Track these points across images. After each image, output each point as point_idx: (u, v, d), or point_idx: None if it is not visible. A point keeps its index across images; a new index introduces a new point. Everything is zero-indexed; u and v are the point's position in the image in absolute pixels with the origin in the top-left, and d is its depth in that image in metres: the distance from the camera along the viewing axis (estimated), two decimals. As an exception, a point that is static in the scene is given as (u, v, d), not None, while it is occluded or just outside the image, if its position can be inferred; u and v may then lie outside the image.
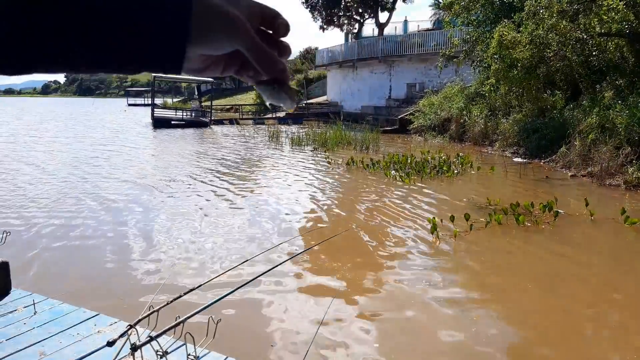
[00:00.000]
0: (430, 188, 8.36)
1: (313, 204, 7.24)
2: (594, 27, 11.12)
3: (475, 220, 5.72)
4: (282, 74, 0.45)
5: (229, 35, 0.40)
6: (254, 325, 3.36)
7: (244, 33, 0.40)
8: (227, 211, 6.68)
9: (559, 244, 5.31)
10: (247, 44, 0.41)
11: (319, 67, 34.36)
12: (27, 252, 4.86)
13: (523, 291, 4.11)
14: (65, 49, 0.34)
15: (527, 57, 11.92)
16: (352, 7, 33.29)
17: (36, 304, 2.79)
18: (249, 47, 0.41)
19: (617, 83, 10.79)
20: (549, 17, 11.27)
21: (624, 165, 8.65)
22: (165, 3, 0.36)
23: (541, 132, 11.94)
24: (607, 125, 9.57)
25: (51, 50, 0.34)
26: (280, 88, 0.46)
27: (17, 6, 0.32)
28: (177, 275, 4.25)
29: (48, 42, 0.34)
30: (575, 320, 3.61)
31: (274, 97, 0.47)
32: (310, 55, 44.38)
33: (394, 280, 4.20)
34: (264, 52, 0.42)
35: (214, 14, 0.39)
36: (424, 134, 17.86)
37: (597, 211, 6.19)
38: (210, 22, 0.38)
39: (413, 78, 24.29)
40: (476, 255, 5.01)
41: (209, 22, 0.38)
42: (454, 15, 16.29)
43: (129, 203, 7.06)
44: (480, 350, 3.09)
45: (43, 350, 2.35)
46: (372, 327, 3.35)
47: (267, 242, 5.21)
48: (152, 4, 0.36)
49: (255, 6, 0.43)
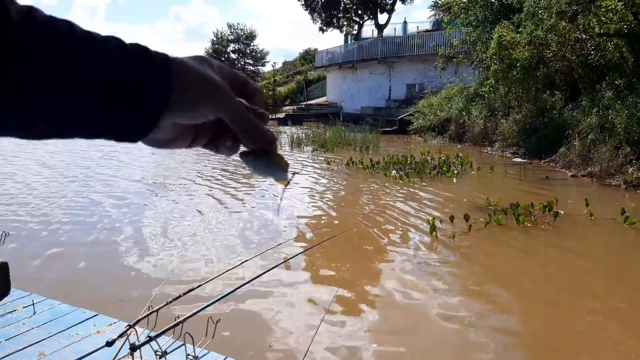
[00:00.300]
0: (430, 188, 8.35)
1: (313, 205, 7.24)
2: (593, 28, 11.13)
3: (475, 220, 5.71)
4: (271, 144, 0.41)
5: (213, 103, 0.37)
6: (253, 325, 3.35)
7: (228, 101, 0.37)
8: (227, 211, 6.67)
9: (559, 245, 5.31)
10: (232, 112, 0.38)
11: (318, 68, 34.41)
12: (27, 252, 4.86)
13: (522, 291, 4.10)
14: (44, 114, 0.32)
15: (526, 58, 11.93)
16: (352, 9, 33.32)
17: (35, 304, 2.79)
18: (234, 116, 0.38)
19: (617, 83, 10.80)
20: (548, 17, 11.28)
21: (624, 165, 8.65)
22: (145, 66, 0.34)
23: (541, 133, 11.95)
24: (607, 125, 9.57)
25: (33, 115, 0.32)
26: (269, 159, 0.41)
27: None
28: (177, 275, 4.24)
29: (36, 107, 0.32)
30: (576, 321, 3.60)
31: (263, 170, 0.42)
32: (310, 57, 44.43)
33: (393, 281, 4.19)
34: (250, 121, 0.39)
35: (197, 80, 0.36)
36: (424, 134, 17.87)
37: (597, 211, 6.19)
38: (193, 88, 0.36)
39: (412, 79, 24.32)
40: (475, 256, 5.01)
41: (192, 88, 0.36)
42: (453, 16, 16.31)
43: (128, 203, 7.05)
44: (479, 350, 3.08)
45: (42, 350, 2.35)
46: (371, 328, 3.34)
47: (266, 242, 5.20)
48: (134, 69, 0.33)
49: (226, 71, 0.40)
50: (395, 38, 27.31)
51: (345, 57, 29.04)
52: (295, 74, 42.78)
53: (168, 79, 0.34)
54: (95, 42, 0.33)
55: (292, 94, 38.62)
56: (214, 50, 50.68)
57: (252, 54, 51.87)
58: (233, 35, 50.96)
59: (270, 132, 0.41)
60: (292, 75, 42.69)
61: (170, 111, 0.35)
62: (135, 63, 0.33)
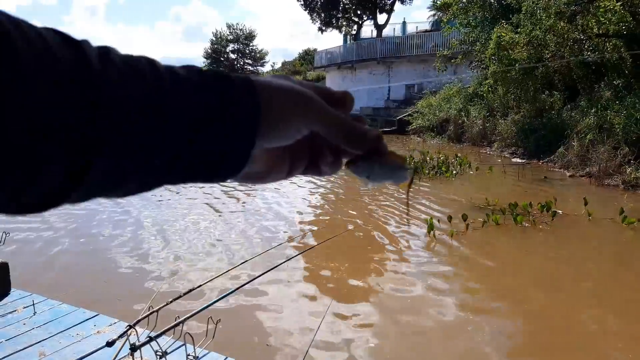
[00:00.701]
0: (429, 188, 8.37)
1: (312, 206, 7.25)
2: (591, 28, 11.16)
3: (473, 220, 5.73)
4: (378, 143, 0.37)
5: (304, 114, 0.33)
6: (253, 325, 3.36)
7: (320, 109, 0.34)
8: (226, 212, 6.68)
9: (557, 244, 5.32)
10: (327, 120, 0.34)
11: (317, 68, 34.38)
12: (27, 252, 4.86)
13: (520, 291, 4.12)
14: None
15: (525, 58, 11.95)
16: (351, 9, 33.31)
17: (36, 304, 2.80)
18: (330, 124, 0.34)
19: (615, 83, 10.82)
20: (546, 18, 11.30)
21: (622, 166, 8.67)
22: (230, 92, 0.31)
23: (539, 133, 11.97)
24: (605, 125, 9.60)
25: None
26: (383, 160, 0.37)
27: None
28: (177, 275, 4.25)
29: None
30: (573, 320, 3.62)
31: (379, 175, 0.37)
32: (309, 57, 44.42)
33: (392, 281, 4.20)
34: (350, 124, 0.35)
35: (282, 93, 0.33)
36: (423, 134, 17.89)
37: (595, 211, 6.21)
38: (281, 103, 0.33)
39: (412, 79, 24.31)
40: (473, 256, 5.02)
41: (279, 103, 0.33)
42: (452, 17, 16.33)
43: (128, 204, 7.05)
44: (477, 350, 3.10)
45: (43, 350, 2.36)
46: (370, 327, 3.36)
47: (266, 243, 5.21)
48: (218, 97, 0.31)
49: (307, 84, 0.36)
50: (394, 38, 27.31)
51: (344, 58, 29.04)
52: (294, 73, 42.77)
53: (254, 100, 0.32)
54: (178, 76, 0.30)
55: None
56: (213, 50, 50.65)
57: (252, 54, 51.84)
58: (232, 35, 50.93)
59: (374, 130, 0.37)
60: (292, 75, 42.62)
61: (261, 134, 0.32)
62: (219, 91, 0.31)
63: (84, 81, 0.25)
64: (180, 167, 0.31)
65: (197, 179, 0.33)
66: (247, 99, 0.31)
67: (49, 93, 0.24)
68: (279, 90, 0.33)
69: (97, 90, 0.26)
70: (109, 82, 0.26)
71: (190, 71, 0.31)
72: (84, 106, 0.25)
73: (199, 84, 0.30)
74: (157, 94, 0.28)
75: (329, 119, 0.34)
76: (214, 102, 0.30)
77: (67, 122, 0.25)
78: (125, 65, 0.28)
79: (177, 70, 0.30)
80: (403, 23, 32.69)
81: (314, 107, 0.34)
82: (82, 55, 0.26)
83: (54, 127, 0.24)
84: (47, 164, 0.25)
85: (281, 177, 0.38)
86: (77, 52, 0.26)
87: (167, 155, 0.29)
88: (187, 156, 0.30)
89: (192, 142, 0.30)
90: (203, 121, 0.30)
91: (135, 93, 0.27)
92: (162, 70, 0.29)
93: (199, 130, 0.30)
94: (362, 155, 0.36)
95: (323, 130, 0.34)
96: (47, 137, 0.24)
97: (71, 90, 0.25)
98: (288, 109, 0.33)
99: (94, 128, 0.26)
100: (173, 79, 0.30)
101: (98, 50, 0.27)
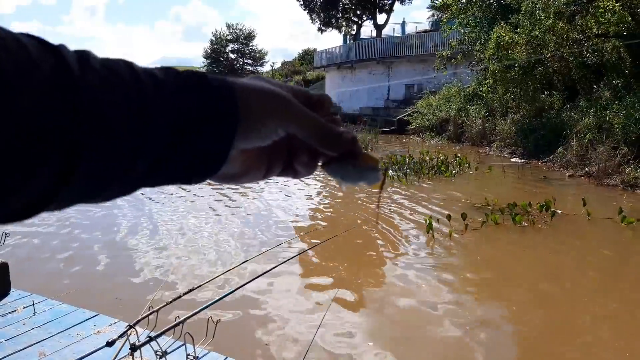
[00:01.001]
0: (429, 188, 8.37)
1: (312, 205, 7.25)
2: (590, 28, 11.16)
3: (472, 220, 5.73)
4: (353, 145, 0.37)
5: (281, 114, 0.34)
6: (253, 325, 3.37)
7: (297, 109, 0.35)
8: (226, 212, 6.68)
9: (556, 244, 5.33)
10: (303, 121, 0.35)
11: (317, 68, 34.38)
12: (27, 252, 4.86)
13: (518, 290, 4.12)
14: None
15: (524, 58, 11.96)
16: (350, 9, 33.32)
17: (36, 304, 2.80)
18: (306, 124, 0.35)
19: (614, 83, 10.83)
20: (545, 18, 11.31)
21: (621, 165, 8.68)
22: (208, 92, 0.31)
23: (539, 133, 11.98)
24: (604, 125, 9.60)
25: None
26: (357, 162, 0.37)
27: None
28: (177, 275, 4.25)
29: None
30: (572, 320, 3.63)
31: (353, 177, 0.38)
32: (309, 57, 44.42)
33: (391, 281, 4.21)
34: (325, 126, 0.36)
35: (260, 94, 0.34)
36: (422, 134, 17.89)
37: (594, 211, 6.21)
38: (258, 103, 0.33)
39: (411, 79, 24.31)
40: (472, 255, 5.03)
41: (257, 103, 0.33)
42: (451, 17, 16.33)
43: (128, 204, 7.06)
44: (476, 349, 3.10)
45: (43, 350, 2.36)
46: (370, 327, 3.36)
47: (266, 242, 5.22)
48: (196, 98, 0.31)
49: (285, 86, 0.36)
50: (394, 38, 27.31)
51: (344, 57, 29.03)
52: (293, 73, 42.77)
53: (232, 102, 0.32)
54: (157, 79, 0.30)
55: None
56: (213, 50, 50.64)
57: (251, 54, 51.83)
58: (232, 35, 50.93)
59: (349, 132, 0.37)
60: (291, 75, 42.67)
61: (239, 135, 0.32)
62: (198, 93, 0.31)
63: (65, 86, 0.25)
64: (161, 170, 0.31)
65: (176, 181, 0.33)
66: (224, 100, 0.32)
67: (30, 100, 0.24)
68: (256, 92, 0.33)
69: (78, 95, 0.26)
70: (89, 86, 0.26)
71: (168, 74, 0.31)
72: (65, 112, 0.25)
73: (178, 86, 0.31)
74: (137, 98, 0.28)
75: (305, 121, 0.35)
76: (193, 105, 0.31)
77: (49, 128, 0.25)
78: (104, 69, 0.28)
79: (155, 73, 0.30)
80: (402, 23, 32.70)
81: (290, 109, 0.34)
82: (61, 61, 0.26)
83: (36, 134, 0.24)
84: (30, 170, 0.25)
85: (258, 178, 0.38)
86: (56, 58, 0.26)
87: (148, 159, 0.30)
88: (168, 158, 0.31)
89: (172, 144, 0.30)
90: (183, 124, 0.30)
91: (115, 97, 0.27)
92: (140, 73, 0.30)
93: (179, 132, 0.30)
94: (337, 157, 0.37)
95: (299, 132, 0.35)
96: (31, 144, 0.24)
97: (52, 96, 0.25)
98: (265, 110, 0.33)
99: (75, 133, 0.26)
100: (152, 83, 0.30)
101: (76, 55, 0.27)
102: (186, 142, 0.31)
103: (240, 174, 0.37)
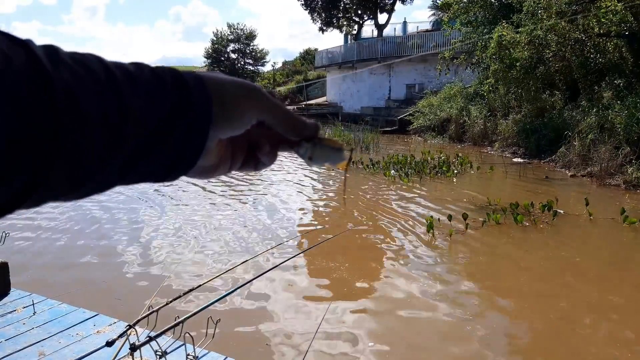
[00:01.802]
0: (430, 188, 8.36)
1: (312, 205, 7.24)
2: (592, 28, 11.13)
3: (473, 219, 5.72)
4: (317, 131, 0.40)
5: (255, 103, 0.36)
6: (253, 325, 3.36)
7: (267, 98, 0.37)
8: (226, 212, 6.68)
9: (557, 244, 5.31)
10: (273, 108, 0.37)
11: (318, 68, 34.39)
12: (27, 252, 4.86)
13: (518, 290, 4.11)
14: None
15: (525, 57, 11.93)
16: (351, 9, 33.30)
17: (35, 304, 2.80)
18: (276, 111, 0.37)
19: (616, 83, 10.80)
20: (547, 17, 11.28)
21: (623, 165, 8.65)
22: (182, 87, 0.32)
23: (540, 133, 11.95)
24: (606, 125, 9.57)
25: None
26: (323, 143, 0.40)
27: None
28: (177, 275, 4.25)
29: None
30: (573, 320, 3.61)
31: (320, 157, 0.41)
32: (310, 57, 44.41)
33: (391, 280, 4.20)
34: (293, 114, 0.38)
35: (231, 86, 0.35)
36: (424, 134, 17.87)
37: (596, 211, 6.19)
38: (231, 94, 0.34)
39: (412, 79, 24.30)
40: (473, 255, 5.01)
41: (230, 95, 0.34)
42: (453, 17, 16.31)
43: (128, 204, 7.06)
44: (477, 349, 3.09)
45: (42, 350, 2.35)
46: (370, 327, 3.35)
47: (266, 242, 5.21)
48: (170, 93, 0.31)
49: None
50: (395, 38, 27.31)
51: (345, 57, 29.03)
52: (294, 73, 42.76)
53: (205, 93, 0.33)
54: (131, 74, 0.30)
55: (291, 94, 38.61)
56: (214, 50, 50.68)
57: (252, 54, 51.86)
58: (233, 35, 50.96)
59: (312, 120, 0.40)
60: (292, 74, 42.67)
61: (214, 125, 0.33)
62: (174, 88, 0.32)
63: (37, 82, 0.25)
64: (138, 166, 0.31)
65: (154, 177, 0.33)
66: (198, 92, 0.32)
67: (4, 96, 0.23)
68: (229, 83, 0.35)
69: (52, 90, 0.25)
70: (62, 81, 0.26)
71: (141, 69, 0.31)
72: (40, 109, 0.24)
73: (154, 82, 0.31)
74: (112, 94, 0.28)
75: (276, 108, 0.37)
76: (170, 100, 0.31)
77: (24, 124, 0.24)
78: (75, 64, 0.27)
79: (128, 68, 0.30)
80: (404, 23, 32.71)
81: (263, 97, 0.36)
82: (32, 55, 0.25)
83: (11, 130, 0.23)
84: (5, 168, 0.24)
85: (225, 171, 0.40)
86: (27, 53, 0.25)
87: (125, 155, 0.29)
88: (145, 154, 0.31)
89: (148, 138, 0.30)
90: (159, 119, 0.31)
91: (89, 92, 0.27)
92: (112, 68, 0.29)
93: (155, 127, 0.30)
94: (304, 140, 0.40)
95: (270, 119, 0.37)
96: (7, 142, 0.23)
97: (26, 92, 0.24)
98: (240, 99, 0.35)
99: (50, 130, 0.25)
100: (126, 78, 0.29)
101: (44, 50, 0.26)
102: (162, 136, 0.31)
103: (213, 166, 0.38)
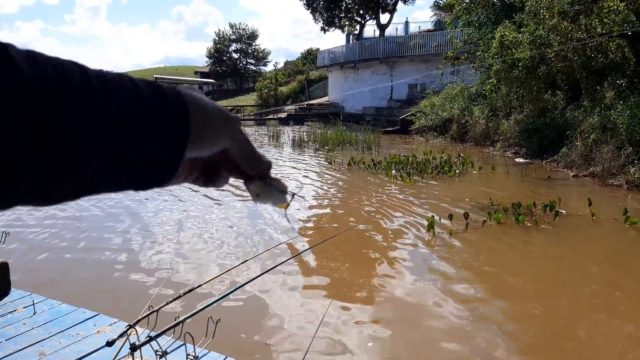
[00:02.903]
0: (432, 188, 8.35)
1: (314, 204, 7.24)
2: (595, 28, 11.10)
3: (475, 219, 5.71)
4: (269, 169, 0.43)
5: (228, 132, 0.37)
6: (253, 325, 3.35)
7: (239, 130, 0.38)
8: (227, 211, 6.68)
9: (559, 244, 5.30)
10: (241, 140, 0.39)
11: (320, 68, 34.39)
12: (27, 252, 4.86)
13: (519, 291, 4.09)
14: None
15: (527, 57, 11.91)
16: (353, 9, 33.29)
17: (36, 304, 2.79)
18: (242, 144, 0.39)
19: (618, 83, 10.77)
20: (549, 17, 11.26)
21: (626, 166, 8.63)
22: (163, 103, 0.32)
23: (542, 133, 11.93)
24: (609, 125, 9.55)
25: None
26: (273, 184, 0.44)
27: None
28: (177, 275, 4.25)
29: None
30: (574, 321, 3.60)
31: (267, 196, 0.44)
32: (312, 57, 44.42)
33: (392, 280, 4.19)
34: (253, 148, 0.41)
35: (210, 110, 0.36)
36: (426, 134, 17.86)
37: (598, 211, 6.17)
38: (209, 118, 0.35)
39: (414, 79, 24.28)
40: (474, 255, 5.00)
41: (208, 118, 0.35)
42: (455, 17, 16.29)
43: (128, 204, 7.06)
44: (477, 349, 3.08)
45: (43, 350, 2.35)
46: (371, 327, 3.34)
47: (266, 242, 5.20)
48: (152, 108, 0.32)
49: None
50: (397, 38, 27.30)
51: (347, 57, 29.03)
52: (296, 73, 42.77)
53: (185, 111, 0.33)
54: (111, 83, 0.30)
55: (293, 94, 38.63)
56: (216, 49, 50.74)
57: (254, 53, 51.91)
58: (235, 35, 51.03)
59: (267, 159, 0.43)
60: (294, 74, 42.68)
61: (189, 144, 0.34)
62: (154, 102, 0.32)
63: (16, 87, 0.24)
64: (112, 176, 0.31)
65: (126, 187, 0.33)
66: (178, 111, 0.33)
67: None
68: (210, 106, 0.36)
69: (30, 96, 0.25)
70: (40, 87, 0.25)
71: (121, 77, 0.31)
72: (16, 113, 0.24)
73: (132, 90, 0.31)
74: (90, 102, 0.28)
75: (245, 143, 0.39)
76: (149, 112, 0.31)
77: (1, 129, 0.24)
78: (54, 70, 0.27)
79: (107, 76, 0.30)
80: (405, 23, 32.71)
81: (235, 127, 0.38)
82: (10, 61, 0.25)
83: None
84: None
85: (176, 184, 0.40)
86: (4, 56, 0.25)
87: (101, 163, 0.29)
88: (120, 164, 0.30)
89: (126, 148, 0.30)
90: (137, 126, 0.30)
91: (67, 100, 0.27)
92: (92, 77, 0.29)
93: (133, 134, 0.30)
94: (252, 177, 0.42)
95: (236, 151, 0.39)
96: None
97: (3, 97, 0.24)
98: (217, 123, 0.36)
99: (26, 135, 0.25)
100: (103, 84, 0.29)
101: (22, 54, 0.26)
102: (139, 143, 0.31)
103: (178, 182, 0.40)
